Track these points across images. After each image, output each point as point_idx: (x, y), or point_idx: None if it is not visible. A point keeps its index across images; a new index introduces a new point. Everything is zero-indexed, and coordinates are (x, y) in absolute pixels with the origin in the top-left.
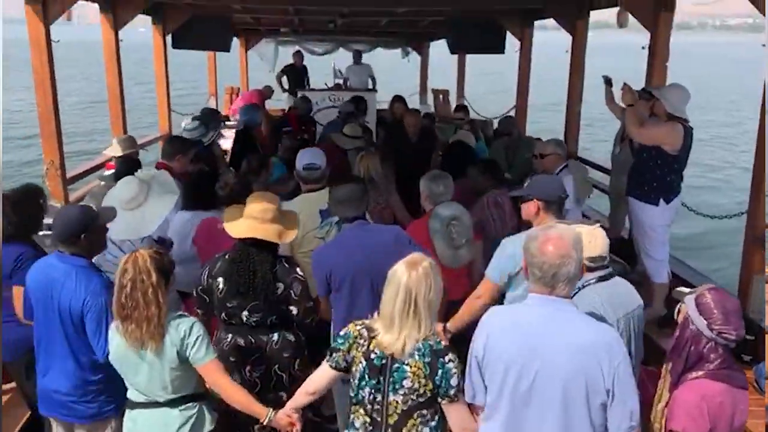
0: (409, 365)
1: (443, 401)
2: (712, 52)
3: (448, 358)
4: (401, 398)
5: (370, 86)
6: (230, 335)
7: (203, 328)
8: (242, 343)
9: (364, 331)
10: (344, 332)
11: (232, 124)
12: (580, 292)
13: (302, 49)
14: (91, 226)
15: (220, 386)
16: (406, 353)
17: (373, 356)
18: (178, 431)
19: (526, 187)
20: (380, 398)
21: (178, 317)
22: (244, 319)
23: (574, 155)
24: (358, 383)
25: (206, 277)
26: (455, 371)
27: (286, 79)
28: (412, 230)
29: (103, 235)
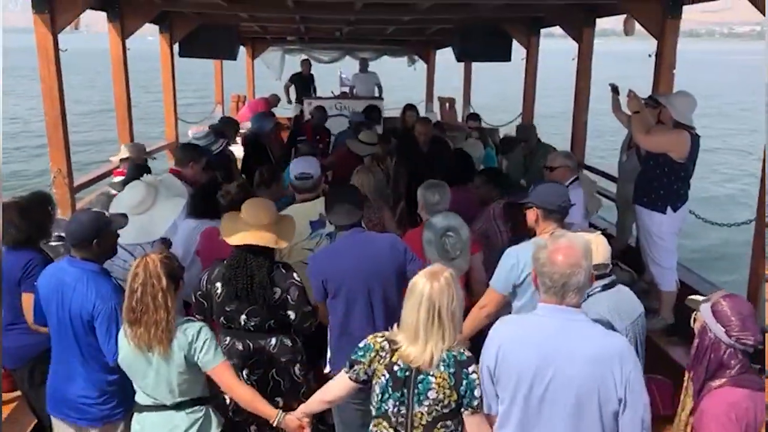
0: (434, 376)
1: (465, 412)
2: (719, 59)
3: (471, 368)
4: (426, 409)
5: (376, 94)
6: (229, 338)
7: (211, 331)
8: (241, 347)
9: (385, 343)
10: (364, 344)
11: (241, 131)
12: (586, 300)
13: (308, 57)
14: (103, 231)
15: (231, 388)
16: (433, 365)
17: (396, 368)
18: None
19: (529, 194)
20: (405, 410)
21: (185, 321)
22: (242, 323)
23: (580, 164)
24: (380, 396)
25: (205, 282)
26: (478, 382)
27: (293, 88)
28: (407, 240)
29: (114, 240)
